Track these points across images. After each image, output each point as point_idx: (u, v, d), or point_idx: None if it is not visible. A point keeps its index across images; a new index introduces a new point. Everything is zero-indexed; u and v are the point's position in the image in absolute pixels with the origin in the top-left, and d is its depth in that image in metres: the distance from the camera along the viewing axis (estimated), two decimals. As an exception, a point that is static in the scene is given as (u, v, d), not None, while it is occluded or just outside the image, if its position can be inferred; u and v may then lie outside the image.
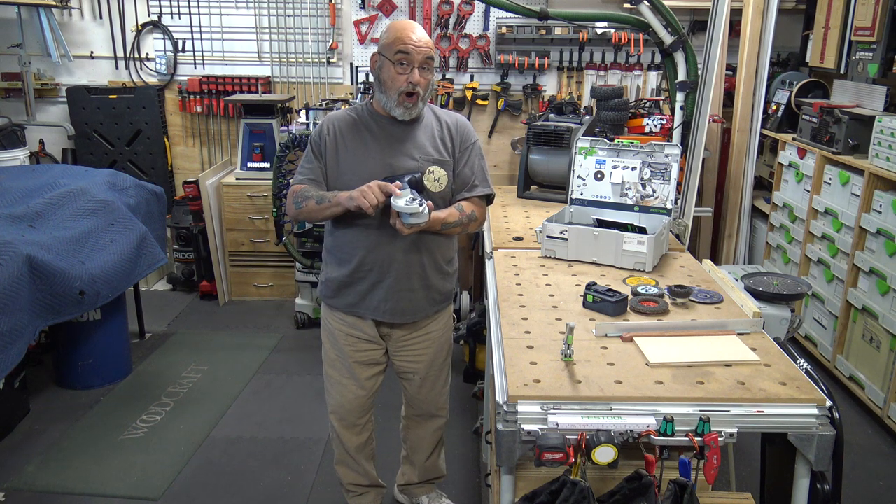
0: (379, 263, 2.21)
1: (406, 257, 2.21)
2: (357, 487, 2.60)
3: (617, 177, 2.72)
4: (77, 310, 3.08)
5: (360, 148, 2.19)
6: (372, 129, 2.20)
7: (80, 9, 4.89)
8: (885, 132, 3.29)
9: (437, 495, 2.73)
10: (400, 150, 2.18)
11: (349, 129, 2.21)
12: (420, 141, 2.20)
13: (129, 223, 3.50)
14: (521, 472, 1.81)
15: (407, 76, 2.08)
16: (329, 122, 2.23)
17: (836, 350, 3.60)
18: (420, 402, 2.52)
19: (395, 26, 2.11)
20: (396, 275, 2.22)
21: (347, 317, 2.34)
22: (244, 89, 4.89)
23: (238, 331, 4.33)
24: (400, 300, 2.26)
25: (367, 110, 2.24)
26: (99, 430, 3.23)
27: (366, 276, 2.24)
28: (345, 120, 2.23)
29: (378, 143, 2.19)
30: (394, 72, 2.08)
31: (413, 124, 2.21)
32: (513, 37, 4.62)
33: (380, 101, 2.18)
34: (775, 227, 4.34)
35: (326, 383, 2.48)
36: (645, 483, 1.53)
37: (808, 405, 1.59)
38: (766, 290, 2.33)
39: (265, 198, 4.52)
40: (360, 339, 2.35)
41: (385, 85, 2.12)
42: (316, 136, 2.23)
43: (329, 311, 2.40)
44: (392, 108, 2.13)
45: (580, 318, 2.02)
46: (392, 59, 2.08)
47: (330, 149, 2.21)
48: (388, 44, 2.09)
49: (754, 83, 4.42)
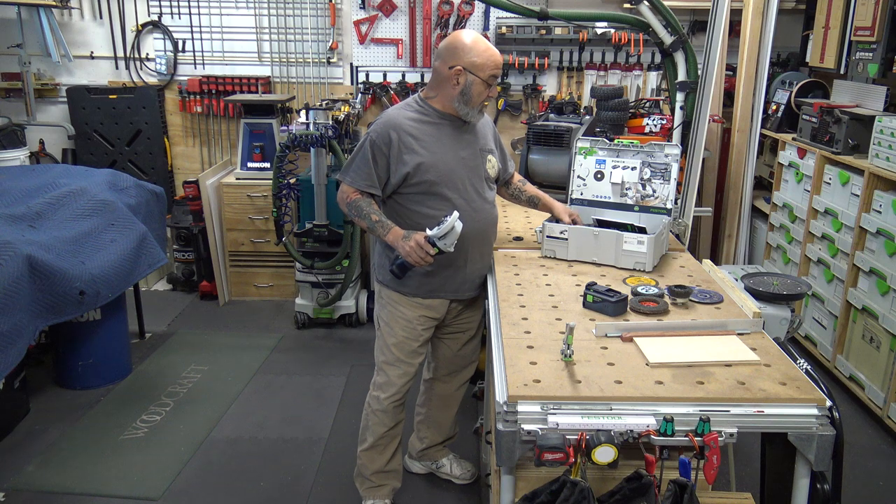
0: (461, 249, 2.34)
1: (481, 240, 2.47)
2: (378, 476, 2.65)
3: (617, 177, 2.71)
4: (77, 310, 3.08)
5: (435, 144, 2.37)
6: (442, 127, 2.40)
7: (80, 9, 4.89)
8: (885, 132, 3.29)
9: (455, 456, 2.90)
10: (466, 145, 2.43)
11: (418, 128, 2.37)
12: (476, 134, 2.48)
13: (129, 223, 3.49)
14: (521, 472, 1.81)
15: (489, 93, 2.36)
16: (385, 125, 2.36)
17: (836, 350, 3.60)
18: (458, 358, 2.72)
19: (486, 49, 2.32)
20: (474, 257, 2.46)
21: (425, 300, 2.48)
22: (244, 89, 4.89)
23: (238, 331, 4.33)
24: (474, 278, 2.51)
25: (432, 110, 2.40)
26: (99, 430, 3.24)
27: (449, 264, 2.41)
28: (403, 121, 2.37)
29: (450, 139, 2.40)
30: (483, 89, 2.34)
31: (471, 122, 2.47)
32: (513, 37, 4.62)
33: (455, 107, 2.37)
34: (775, 227, 4.34)
35: (386, 366, 2.55)
36: (645, 483, 1.53)
37: (808, 405, 1.59)
38: (766, 290, 2.33)
39: (265, 198, 4.52)
40: (431, 318, 2.52)
41: (471, 99, 2.34)
42: (378, 139, 2.34)
43: (401, 297, 2.50)
44: (472, 116, 2.39)
45: (580, 318, 2.02)
46: (485, 80, 2.32)
47: (395, 153, 2.34)
48: (482, 65, 2.30)
49: (754, 83, 4.43)
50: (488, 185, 2.50)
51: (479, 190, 2.44)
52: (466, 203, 2.39)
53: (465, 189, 2.40)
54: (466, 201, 2.39)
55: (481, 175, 2.45)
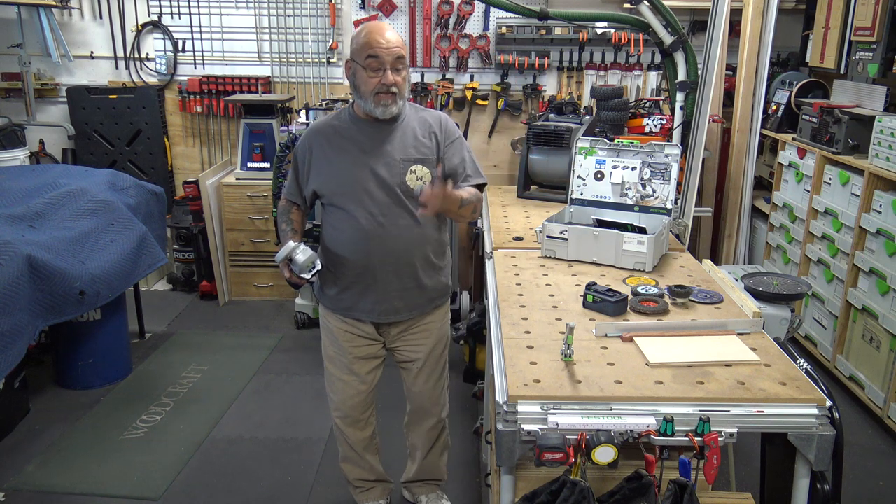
0: (367, 267, 2.25)
1: (394, 259, 2.25)
2: (363, 483, 2.65)
3: (617, 177, 2.72)
4: (77, 310, 3.08)
5: (341, 153, 2.23)
6: (352, 133, 2.23)
7: (80, 9, 4.89)
8: (885, 132, 3.29)
9: (436, 496, 2.73)
10: (380, 152, 2.21)
11: (330, 136, 2.26)
12: (400, 142, 2.22)
13: (129, 223, 3.50)
14: (521, 472, 1.81)
15: (379, 78, 2.10)
16: (307, 134, 2.30)
17: (836, 350, 3.60)
18: (416, 395, 2.55)
19: (363, 31, 2.13)
20: (385, 277, 2.26)
21: (345, 318, 2.37)
22: (244, 89, 4.89)
23: (238, 331, 4.33)
24: (392, 300, 2.31)
25: (348, 115, 2.27)
26: (99, 430, 3.24)
27: (357, 281, 2.29)
28: (324, 128, 2.28)
29: (358, 146, 2.22)
30: (366, 76, 2.11)
31: (393, 125, 2.23)
32: (513, 37, 4.62)
33: (359, 104, 2.21)
34: (775, 227, 4.34)
35: (328, 381, 2.51)
36: (645, 483, 1.53)
37: (808, 405, 1.59)
38: (766, 290, 2.33)
39: (265, 198, 4.52)
40: (358, 336, 2.39)
41: (360, 90, 2.15)
42: (299, 148, 2.32)
43: (326, 311, 2.43)
44: (371, 110, 2.16)
45: (580, 318, 2.02)
46: (363, 65, 2.11)
47: (307, 161, 2.29)
48: (358, 49, 2.12)
49: (754, 83, 4.42)
50: (410, 198, 2.19)
51: (395, 203, 2.20)
52: (371, 218, 2.19)
53: (371, 202, 2.18)
54: (371, 216, 2.19)
55: (395, 188, 2.19)
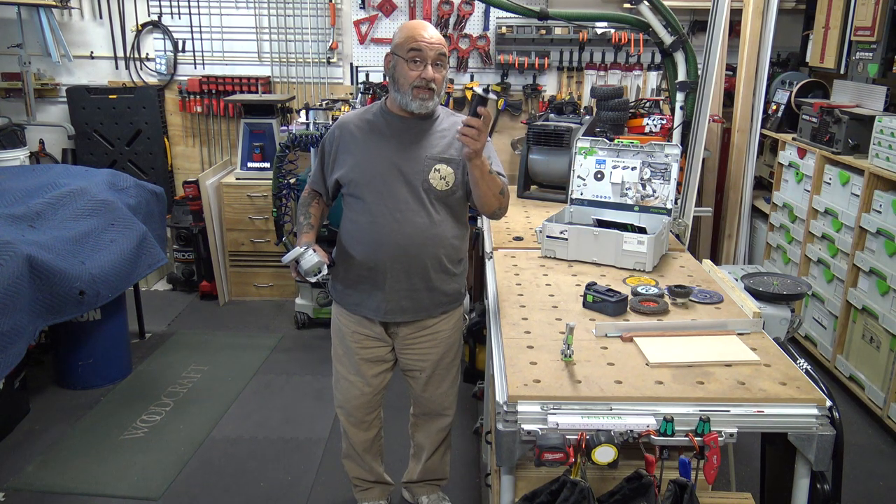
0: (377, 262, 2.23)
1: (406, 257, 2.22)
2: (362, 482, 2.65)
3: (617, 177, 2.72)
4: (77, 310, 3.08)
5: (368, 144, 2.22)
6: (382, 128, 2.22)
7: (80, 9, 4.89)
8: (885, 132, 3.29)
9: (438, 497, 2.73)
10: (407, 148, 2.20)
11: (360, 127, 2.25)
12: (428, 140, 2.21)
13: (129, 223, 3.50)
14: (521, 472, 1.81)
15: (420, 72, 2.10)
16: (337, 124, 2.29)
17: (836, 350, 3.60)
18: (425, 400, 2.52)
19: (407, 26, 2.15)
20: (395, 275, 2.23)
21: (354, 315, 2.36)
22: (244, 89, 4.89)
23: (238, 331, 4.33)
24: (400, 299, 2.27)
25: (380, 110, 2.26)
26: (99, 430, 3.23)
27: (367, 276, 2.26)
28: (355, 120, 2.28)
29: (387, 142, 2.20)
30: (407, 69, 2.11)
31: (424, 123, 2.22)
32: (513, 37, 4.62)
33: (395, 99, 2.19)
34: (775, 227, 4.34)
35: (334, 378, 2.51)
36: (645, 483, 1.53)
37: (808, 405, 1.59)
38: (766, 290, 2.33)
39: (265, 198, 4.52)
40: (366, 337, 2.37)
41: (398, 83, 2.14)
42: (326, 138, 2.31)
43: (338, 308, 2.43)
44: (408, 103, 2.14)
45: (580, 318, 2.02)
46: (405, 58, 2.10)
47: (333, 149, 2.27)
48: (401, 43, 2.12)
49: (754, 83, 4.42)
50: (430, 197, 2.19)
51: (414, 200, 2.18)
52: (388, 212, 2.17)
53: (389, 197, 2.17)
54: (388, 210, 2.17)
55: (418, 185, 2.17)
